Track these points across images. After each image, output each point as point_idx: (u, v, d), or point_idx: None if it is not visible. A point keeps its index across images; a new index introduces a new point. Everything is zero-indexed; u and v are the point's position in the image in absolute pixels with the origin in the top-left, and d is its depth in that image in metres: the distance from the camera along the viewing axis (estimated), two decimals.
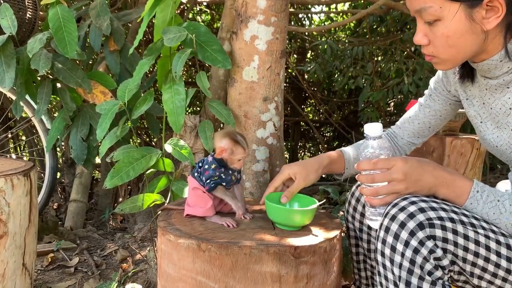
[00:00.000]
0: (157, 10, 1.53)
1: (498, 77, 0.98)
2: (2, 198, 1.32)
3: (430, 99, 1.25)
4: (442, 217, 0.86)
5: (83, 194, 2.67)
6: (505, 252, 0.88)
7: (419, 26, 0.96)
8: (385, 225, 0.89)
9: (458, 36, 0.91)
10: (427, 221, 0.85)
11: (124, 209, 1.49)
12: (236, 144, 1.13)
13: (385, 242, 0.89)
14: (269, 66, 1.60)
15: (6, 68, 1.73)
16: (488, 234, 0.89)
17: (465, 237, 0.87)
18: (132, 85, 1.58)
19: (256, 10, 1.56)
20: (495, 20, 0.88)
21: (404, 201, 0.89)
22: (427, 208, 0.87)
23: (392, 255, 0.87)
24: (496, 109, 1.02)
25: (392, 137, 1.35)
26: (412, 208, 0.87)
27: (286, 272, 0.97)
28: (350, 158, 1.29)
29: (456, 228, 0.86)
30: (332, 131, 5.43)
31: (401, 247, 0.86)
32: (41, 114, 1.85)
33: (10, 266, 1.37)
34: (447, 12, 0.89)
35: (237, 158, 1.14)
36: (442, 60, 0.97)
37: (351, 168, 1.29)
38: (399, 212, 0.87)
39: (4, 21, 1.78)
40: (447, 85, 1.20)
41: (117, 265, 1.99)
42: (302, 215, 1.10)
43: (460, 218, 0.89)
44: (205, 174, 1.15)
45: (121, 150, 1.56)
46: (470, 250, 0.87)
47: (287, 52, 4.54)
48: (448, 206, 0.90)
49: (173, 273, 1.03)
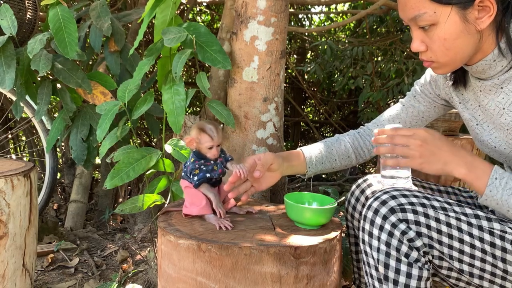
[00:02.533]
0: (157, 11, 1.53)
1: (493, 77, 1.00)
2: (2, 199, 1.32)
3: (415, 100, 1.27)
4: (413, 202, 0.93)
5: (83, 194, 2.68)
6: (477, 233, 0.92)
7: (414, 33, 0.98)
8: (364, 215, 0.96)
9: (454, 37, 0.93)
10: (398, 206, 0.91)
11: (124, 209, 1.49)
12: (202, 132, 1.13)
13: (364, 230, 0.96)
14: (269, 66, 1.60)
15: (6, 69, 1.73)
16: (459, 217, 0.93)
17: (437, 220, 0.92)
18: (132, 85, 1.58)
19: (256, 11, 1.56)
20: (487, 19, 0.90)
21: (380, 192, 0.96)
22: (399, 195, 0.93)
23: (370, 240, 0.94)
24: (491, 110, 1.03)
25: (365, 135, 1.33)
26: (385, 197, 0.94)
27: (286, 272, 0.97)
28: (312, 157, 1.27)
29: (427, 212, 0.92)
30: (332, 131, 5.44)
31: (377, 231, 0.92)
32: (41, 114, 1.85)
33: (10, 267, 1.37)
34: (441, 16, 0.91)
35: (205, 146, 1.13)
36: (442, 64, 0.99)
37: (313, 167, 1.27)
38: (373, 201, 0.95)
39: (4, 21, 1.78)
40: (436, 89, 1.21)
41: (117, 266, 1.99)
42: (320, 214, 1.11)
43: (432, 203, 0.94)
44: (188, 170, 1.16)
45: (121, 151, 1.56)
46: (443, 232, 0.91)
47: (287, 53, 4.54)
48: (421, 193, 0.95)
49: (173, 273, 1.03)
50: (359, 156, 1.31)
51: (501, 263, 0.91)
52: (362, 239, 0.97)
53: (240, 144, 1.64)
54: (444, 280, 1.02)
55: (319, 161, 1.27)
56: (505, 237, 0.90)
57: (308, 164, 1.26)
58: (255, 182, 1.20)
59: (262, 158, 1.16)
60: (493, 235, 0.91)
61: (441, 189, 1.25)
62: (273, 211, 1.28)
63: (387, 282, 0.92)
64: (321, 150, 1.28)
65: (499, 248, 0.90)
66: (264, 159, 1.16)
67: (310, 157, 1.26)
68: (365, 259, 0.97)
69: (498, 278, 0.92)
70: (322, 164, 1.27)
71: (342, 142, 1.30)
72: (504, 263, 0.90)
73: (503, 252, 0.90)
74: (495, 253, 0.91)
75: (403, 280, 0.91)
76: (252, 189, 1.20)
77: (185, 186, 1.18)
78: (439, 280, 1.03)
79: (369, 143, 1.32)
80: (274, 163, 1.18)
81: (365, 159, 1.33)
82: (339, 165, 1.30)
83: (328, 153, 1.28)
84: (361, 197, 1.20)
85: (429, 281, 0.93)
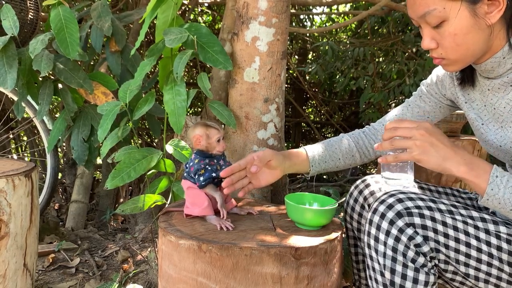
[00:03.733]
0: (159, 11, 1.54)
1: (502, 75, 0.99)
2: (3, 199, 1.33)
3: (420, 100, 1.26)
4: (419, 206, 0.91)
5: (84, 194, 2.68)
6: (484, 236, 0.91)
7: (425, 31, 0.97)
8: (369, 219, 0.95)
9: (465, 33, 0.92)
10: (405, 210, 0.90)
11: (125, 210, 1.49)
12: (208, 127, 1.15)
13: (370, 234, 0.94)
14: (270, 67, 1.60)
15: (8, 69, 1.74)
16: (466, 220, 0.92)
17: (444, 224, 0.91)
18: (134, 86, 1.58)
19: (257, 11, 1.56)
20: (497, 13, 0.90)
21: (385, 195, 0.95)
22: (405, 198, 0.92)
23: (376, 245, 0.93)
24: (500, 109, 1.03)
25: (371, 134, 1.33)
26: (391, 200, 0.92)
27: (287, 273, 0.97)
28: (315, 156, 1.26)
29: (434, 215, 0.91)
30: (333, 132, 5.44)
31: (383, 236, 0.91)
32: (42, 115, 1.86)
33: (11, 267, 1.38)
34: (451, 12, 0.90)
35: (214, 139, 1.15)
36: (452, 60, 0.98)
37: (316, 166, 1.27)
38: (379, 204, 0.93)
39: (6, 22, 1.78)
40: (442, 89, 1.21)
41: (118, 266, 1.99)
42: (320, 215, 1.11)
43: (438, 206, 0.93)
44: (191, 170, 1.15)
45: (122, 151, 1.56)
46: (450, 236, 0.91)
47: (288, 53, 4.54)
48: (427, 196, 0.94)
49: (174, 274, 1.03)
50: (364, 156, 1.31)
51: (507, 266, 0.90)
52: (367, 243, 0.95)
53: (241, 144, 1.64)
54: (447, 283, 1.01)
55: (322, 160, 1.26)
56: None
57: (311, 163, 1.25)
58: (254, 178, 1.19)
59: (261, 154, 1.15)
60: (499, 238, 0.90)
61: (439, 190, 1.24)
62: (274, 211, 1.28)
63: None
64: (325, 149, 1.27)
65: (506, 251, 0.90)
66: (263, 155, 1.15)
67: (313, 155, 1.26)
68: (370, 264, 0.96)
69: (504, 282, 0.92)
70: (325, 163, 1.27)
71: (346, 141, 1.30)
72: (511, 267, 0.90)
73: (509, 255, 0.89)
74: (502, 257, 0.90)
75: (410, 286, 0.90)
76: (250, 185, 1.20)
77: (187, 186, 1.18)
78: (442, 282, 1.03)
79: (374, 142, 1.31)
80: (273, 159, 1.17)
81: (370, 158, 1.32)
82: (343, 164, 1.29)
83: (331, 152, 1.28)
84: (360, 198, 1.20)
85: (435, 285, 0.92)
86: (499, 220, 0.93)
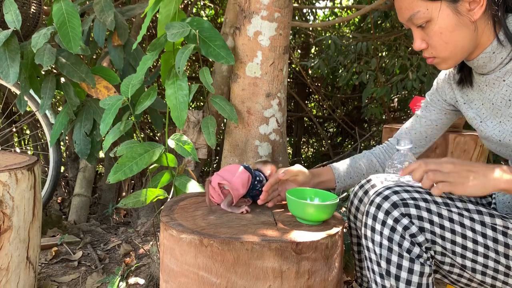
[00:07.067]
0: (161, 5, 1.53)
1: (494, 70, 1.03)
2: (6, 192, 1.33)
3: (426, 110, 1.32)
4: (415, 197, 0.93)
5: (86, 188, 2.69)
6: (479, 228, 0.92)
7: (414, 33, 1.03)
8: (366, 210, 0.97)
9: (450, 30, 0.97)
10: (401, 201, 0.92)
11: (127, 203, 1.50)
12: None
13: (366, 225, 0.96)
14: (272, 62, 1.60)
15: (11, 63, 1.74)
16: (461, 212, 0.93)
17: (439, 215, 0.92)
18: (136, 80, 1.58)
19: (260, 6, 1.56)
20: (479, 10, 0.95)
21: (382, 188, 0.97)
22: (401, 191, 0.94)
23: (372, 235, 0.94)
24: (498, 103, 1.06)
25: (389, 149, 1.41)
26: (387, 192, 0.94)
27: (288, 267, 0.97)
28: (340, 172, 1.35)
29: (429, 207, 0.92)
30: (336, 126, 5.43)
31: (379, 226, 0.93)
32: (45, 108, 1.86)
33: (14, 260, 1.39)
34: (433, 12, 0.96)
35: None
36: (443, 58, 1.03)
37: (341, 181, 1.36)
38: (376, 196, 0.95)
39: (9, 15, 1.78)
40: (442, 94, 1.25)
41: (120, 259, 2.00)
42: (322, 210, 1.11)
43: (434, 198, 0.94)
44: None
45: (124, 145, 1.56)
46: (446, 228, 0.92)
47: (291, 47, 4.53)
48: (423, 189, 0.95)
49: (176, 268, 1.04)
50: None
51: (504, 259, 0.91)
52: (364, 234, 0.97)
53: (242, 139, 1.64)
54: (446, 277, 1.02)
55: (348, 175, 1.36)
56: (508, 232, 0.91)
57: (337, 179, 1.35)
58: (282, 191, 1.29)
59: (289, 168, 1.25)
60: (495, 230, 0.92)
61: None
62: (275, 206, 1.28)
63: (389, 277, 0.93)
64: (349, 166, 1.37)
65: (502, 243, 0.91)
66: (290, 169, 1.25)
67: (338, 172, 1.35)
68: (367, 254, 0.97)
69: (501, 274, 0.93)
70: (350, 178, 1.36)
71: (369, 157, 1.39)
72: (507, 259, 0.91)
73: (506, 247, 0.91)
74: (498, 249, 0.91)
75: (405, 276, 0.91)
76: (278, 197, 1.29)
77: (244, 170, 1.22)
78: (440, 276, 1.03)
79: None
80: (299, 174, 1.25)
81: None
82: None
83: (356, 168, 1.37)
84: (365, 198, 1.20)
85: (431, 277, 0.93)
86: (496, 213, 0.94)
